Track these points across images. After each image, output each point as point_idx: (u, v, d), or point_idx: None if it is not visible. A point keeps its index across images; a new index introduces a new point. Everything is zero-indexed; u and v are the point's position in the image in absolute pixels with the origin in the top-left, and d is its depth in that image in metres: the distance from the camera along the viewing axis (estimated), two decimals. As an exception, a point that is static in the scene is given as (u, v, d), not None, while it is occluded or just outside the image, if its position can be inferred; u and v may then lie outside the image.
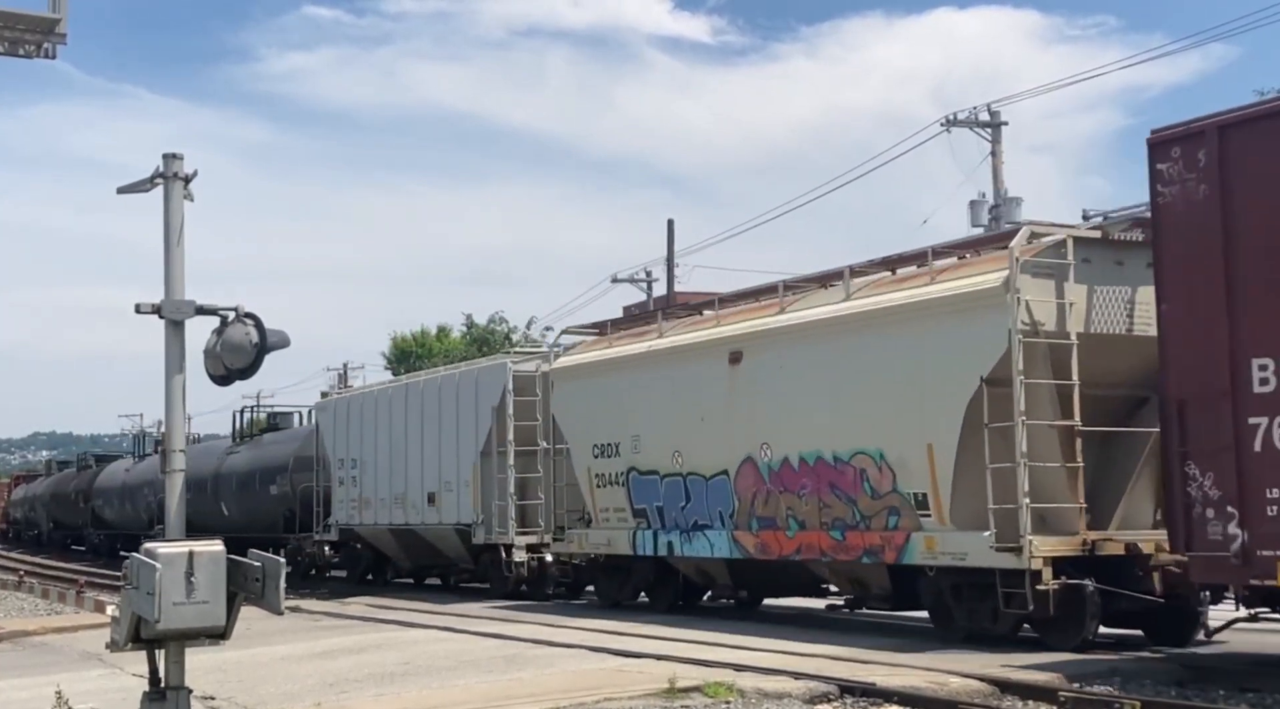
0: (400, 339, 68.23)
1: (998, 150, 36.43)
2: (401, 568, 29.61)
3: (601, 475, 21.21)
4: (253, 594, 8.47)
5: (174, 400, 8.91)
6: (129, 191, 9.12)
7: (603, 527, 21.22)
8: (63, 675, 14.10)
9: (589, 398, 21.62)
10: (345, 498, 29.20)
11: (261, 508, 34.08)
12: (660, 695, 11.67)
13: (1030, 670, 12.78)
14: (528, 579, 23.67)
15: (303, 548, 31.48)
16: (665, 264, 46.52)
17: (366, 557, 30.08)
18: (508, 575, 23.68)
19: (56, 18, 9.91)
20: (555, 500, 22.78)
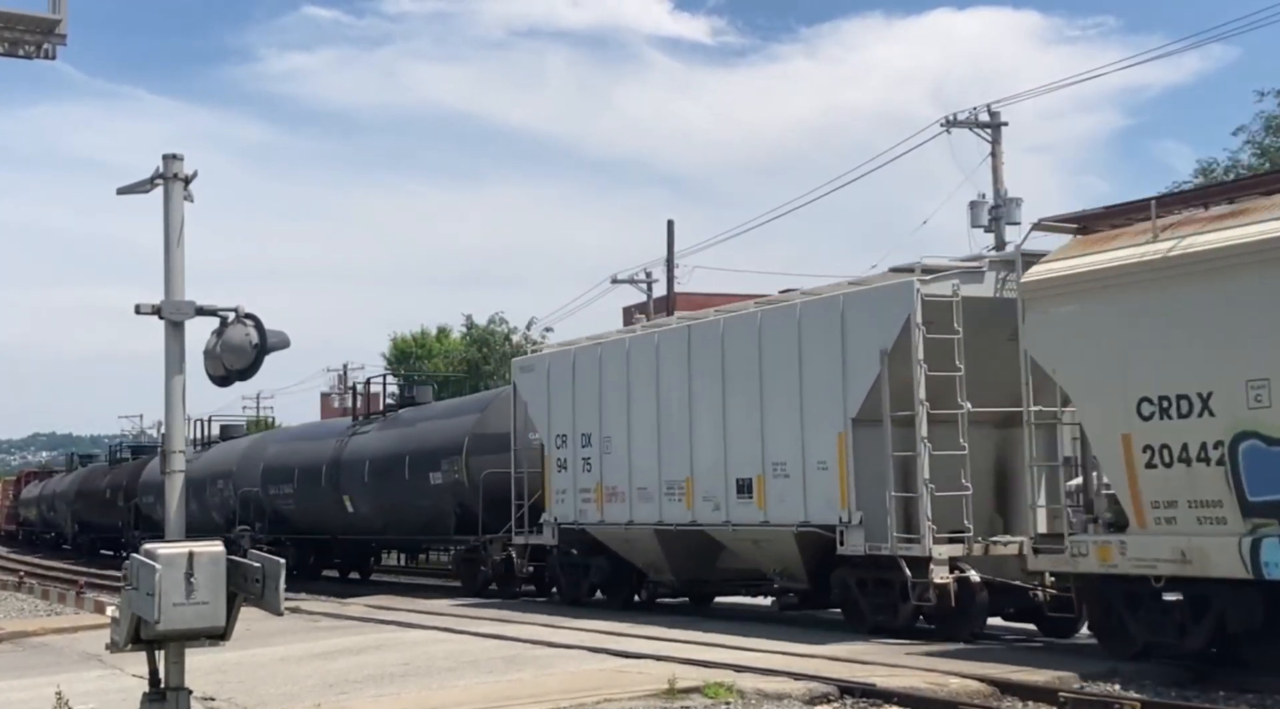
0: (400, 339, 68.23)
1: (997, 151, 36.43)
2: (664, 583, 21.39)
3: (1159, 448, 12.97)
4: (252, 595, 8.47)
5: (174, 401, 8.91)
6: (129, 192, 9.12)
7: (1164, 530, 12.96)
8: (63, 676, 14.10)
9: (1129, 324, 13.36)
10: (569, 488, 21.95)
11: (412, 503, 27.83)
12: (660, 696, 11.67)
13: (1030, 671, 12.78)
14: (942, 610, 15.81)
15: (488, 555, 24.94)
16: (665, 264, 46.49)
17: (601, 568, 21.94)
18: (908, 603, 15.98)
19: (56, 18, 9.92)
20: (1011, 488, 16.50)
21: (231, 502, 36.03)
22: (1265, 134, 42.97)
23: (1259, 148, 42.81)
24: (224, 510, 36.64)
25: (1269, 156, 41.71)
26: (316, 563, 34.69)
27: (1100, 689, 12.08)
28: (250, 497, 34.81)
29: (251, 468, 35.49)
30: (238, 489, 35.55)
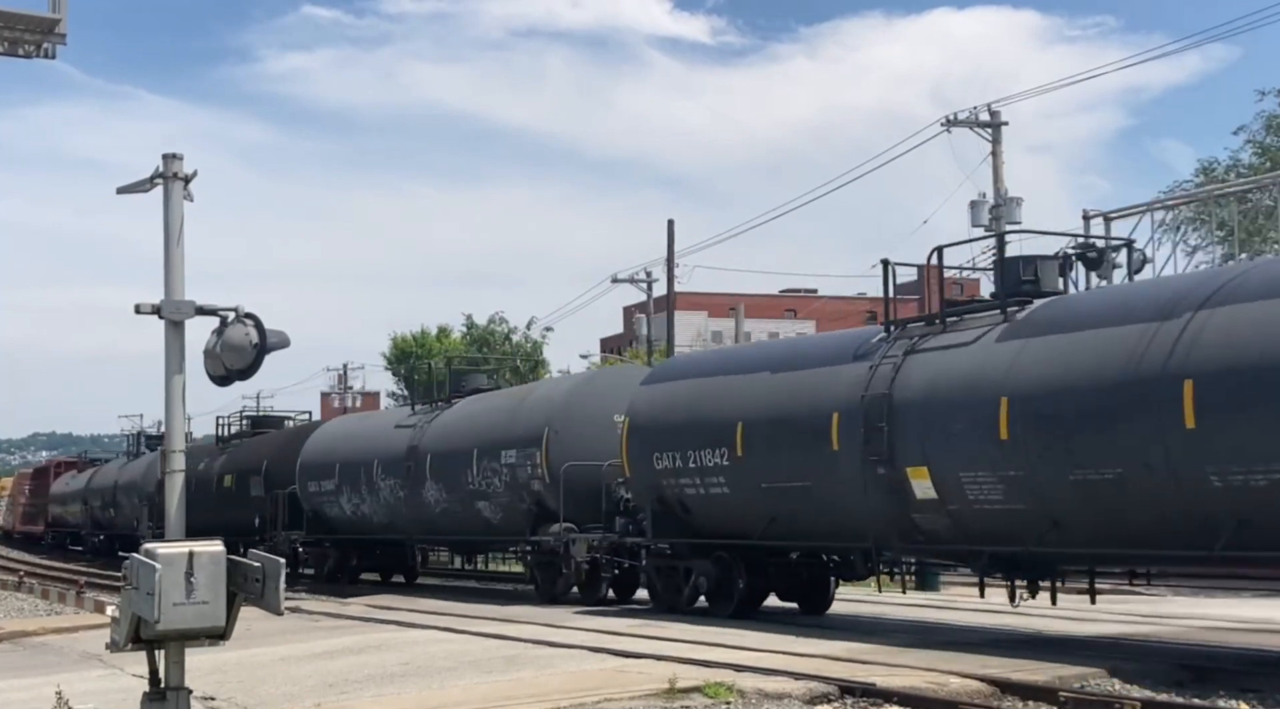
0: (400, 339, 68.24)
1: (998, 150, 36.42)
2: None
3: None
4: (252, 595, 8.47)
5: (174, 400, 8.92)
6: (129, 192, 9.13)
7: None
8: (63, 676, 14.10)
9: None
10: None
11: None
12: (660, 696, 11.67)
13: (1030, 670, 12.79)
14: None
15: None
16: (665, 264, 46.49)
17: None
18: None
19: (56, 18, 9.93)
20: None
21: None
22: (1265, 134, 43.02)
23: (1259, 147, 42.84)
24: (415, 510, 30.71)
25: (1269, 156, 41.74)
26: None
27: (1100, 689, 12.09)
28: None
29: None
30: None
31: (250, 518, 33.88)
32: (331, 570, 31.41)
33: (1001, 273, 16.81)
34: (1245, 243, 31.44)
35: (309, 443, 32.39)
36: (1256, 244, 32.85)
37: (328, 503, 30.56)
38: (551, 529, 22.71)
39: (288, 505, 32.12)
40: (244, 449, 37.62)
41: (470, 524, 25.87)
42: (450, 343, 64.49)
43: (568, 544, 22.40)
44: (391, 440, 28.28)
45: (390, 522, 28.55)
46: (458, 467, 25.44)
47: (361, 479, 28.80)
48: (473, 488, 24.94)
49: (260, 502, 33.64)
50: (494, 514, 24.79)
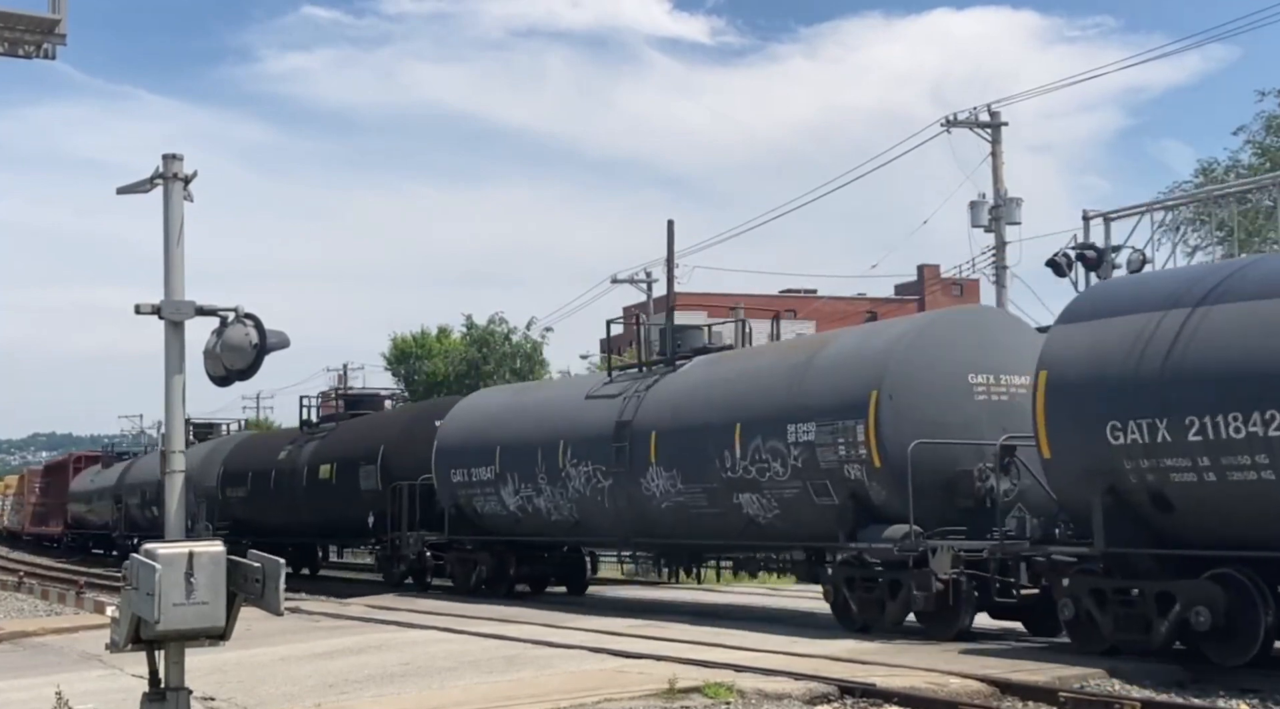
0: (400, 339, 68.23)
1: (998, 151, 36.40)
2: None
3: None
4: (252, 595, 8.47)
5: (174, 401, 8.92)
6: (129, 192, 9.13)
7: None
8: (63, 676, 14.10)
9: None
10: None
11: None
12: (660, 696, 11.67)
13: (1030, 671, 12.79)
14: None
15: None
16: (665, 264, 46.50)
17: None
18: None
19: (56, 18, 9.92)
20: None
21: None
22: (1265, 134, 43.03)
23: (1259, 148, 42.85)
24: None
25: (1269, 156, 41.75)
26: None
27: (1100, 689, 12.09)
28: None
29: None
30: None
31: (359, 516, 28.69)
32: (485, 580, 25.30)
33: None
34: (1245, 243, 31.43)
35: (449, 422, 26.30)
36: (1256, 244, 32.85)
37: (481, 496, 24.56)
38: (887, 533, 16.36)
39: (418, 500, 26.60)
40: (346, 434, 31.36)
41: (721, 524, 19.17)
42: (450, 343, 64.51)
43: (926, 553, 15.96)
44: (585, 415, 22.22)
45: (581, 520, 22.30)
46: (705, 448, 19.06)
47: (538, 466, 22.77)
48: (732, 476, 18.52)
49: (374, 496, 28.11)
50: (765, 511, 18.28)
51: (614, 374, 22.89)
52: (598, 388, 22.73)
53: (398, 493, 27.17)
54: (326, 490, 30.60)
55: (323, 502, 30.85)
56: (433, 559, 26.91)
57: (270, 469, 34.07)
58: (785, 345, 21.45)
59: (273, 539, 32.95)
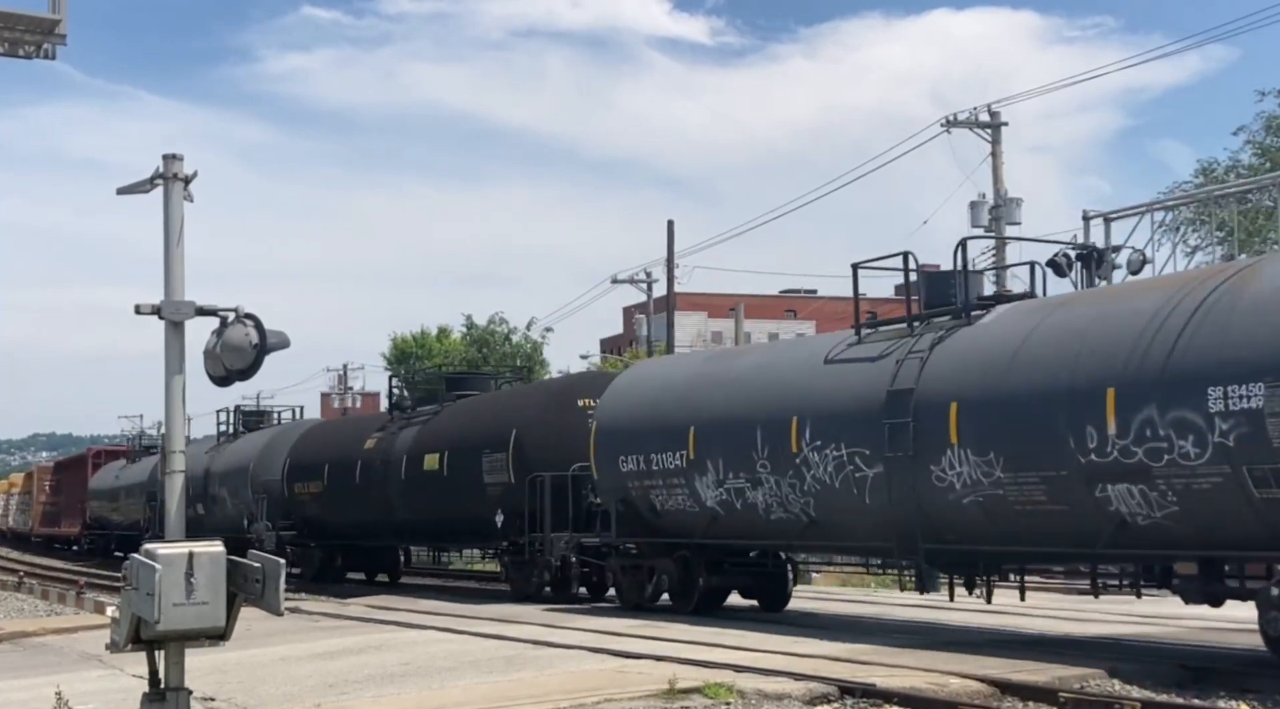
0: (400, 340, 68.26)
1: (998, 151, 36.46)
2: None
3: None
4: (252, 595, 8.47)
5: (174, 401, 8.91)
6: (129, 192, 9.13)
7: None
8: (63, 676, 14.10)
9: None
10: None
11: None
12: (660, 696, 11.67)
13: (1030, 671, 12.79)
14: None
15: None
16: (665, 264, 46.53)
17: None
18: None
19: (56, 18, 9.93)
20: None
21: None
22: (1265, 134, 43.06)
23: (1259, 148, 42.88)
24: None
25: (1269, 157, 41.76)
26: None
27: (1100, 689, 12.09)
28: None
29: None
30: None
31: (481, 514, 24.47)
32: (674, 590, 20.31)
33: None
34: (1245, 243, 31.45)
35: (613, 398, 21.62)
36: (1256, 244, 32.86)
37: (663, 489, 19.92)
38: None
39: (568, 495, 22.71)
40: (458, 417, 26.95)
41: (1063, 526, 14.60)
42: (450, 343, 64.54)
43: None
44: (828, 384, 17.51)
45: (819, 519, 17.47)
46: (1047, 423, 14.42)
47: (757, 450, 18.04)
48: (1096, 461, 13.87)
49: (503, 491, 23.92)
50: (1150, 508, 13.61)
51: (863, 332, 17.94)
52: (841, 350, 17.86)
53: (537, 486, 22.82)
54: (434, 484, 26.17)
55: (428, 498, 26.57)
56: (579, 566, 22.90)
57: (354, 461, 29.38)
58: (1174, 280, 15.45)
59: (349, 541, 31.33)
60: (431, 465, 26.34)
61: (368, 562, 33.31)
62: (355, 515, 29.99)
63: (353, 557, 32.77)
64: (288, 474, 32.60)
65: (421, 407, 29.47)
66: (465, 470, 25.12)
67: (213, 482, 36.94)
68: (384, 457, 28.36)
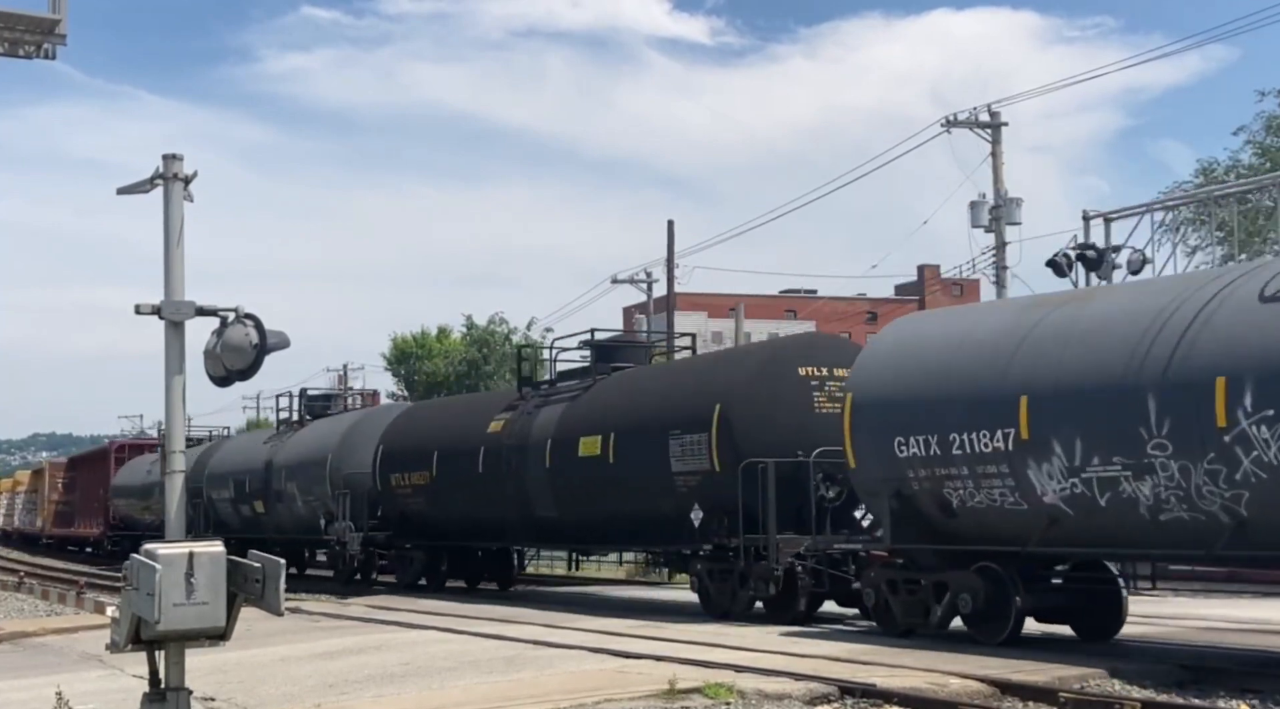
0: (400, 340, 68.30)
1: (998, 151, 36.41)
2: None
3: None
4: (252, 595, 8.46)
5: (174, 401, 8.91)
6: (129, 192, 9.13)
7: None
8: (63, 676, 14.10)
9: None
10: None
11: None
12: (660, 697, 11.67)
13: (1030, 671, 12.78)
14: None
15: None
16: (665, 264, 46.52)
17: None
18: None
19: (56, 18, 9.93)
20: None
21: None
22: (1265, 134, 43.05)
23: (1259, 148, 42.87)
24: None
25: (1269, 157, 41.76)
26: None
27: (1100, 690, 12.09)
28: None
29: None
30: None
31: (667, 511, 20.01)
32: (977, 612, 15.46)
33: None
34: (1245, 243, 31.46)
35: (875, 361, 17.19)
36: (1256, 245, 32.87)
37: (968, 482, 15.26)
38: None
39: (799, 487, 18.41)
40: (625, 390, 22.16)
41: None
42: (450, 343, 64.61)
43: None
44: (1275, 328, 12.59)
45: (1256, 519, 12.60)
46: None
47: (1149, 426, 13.31)
48: None
49: (702, 481, 19.42)
50: None
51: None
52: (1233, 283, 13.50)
53: (755, 476, 18.42)
54: (594, 474, 21.48)
55: (586, 490, 21.75)
56: (808, 578, 18.26)
57: (475, 447, 24.55)
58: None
59: (459, 542, 26.91)
60: (590, 451, 21.57)
61: (478, 567, 28.41)
62: (474, 512, 25.19)
63: (461, 560, 27.96)
64: (381, 465, 27.94)
65: (563, 382, 24.61)
66: (644, 456, 20.37)
67: (277, 476, 32.26)
68: (519, 441, 23.47)
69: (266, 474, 33.23)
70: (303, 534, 32.41)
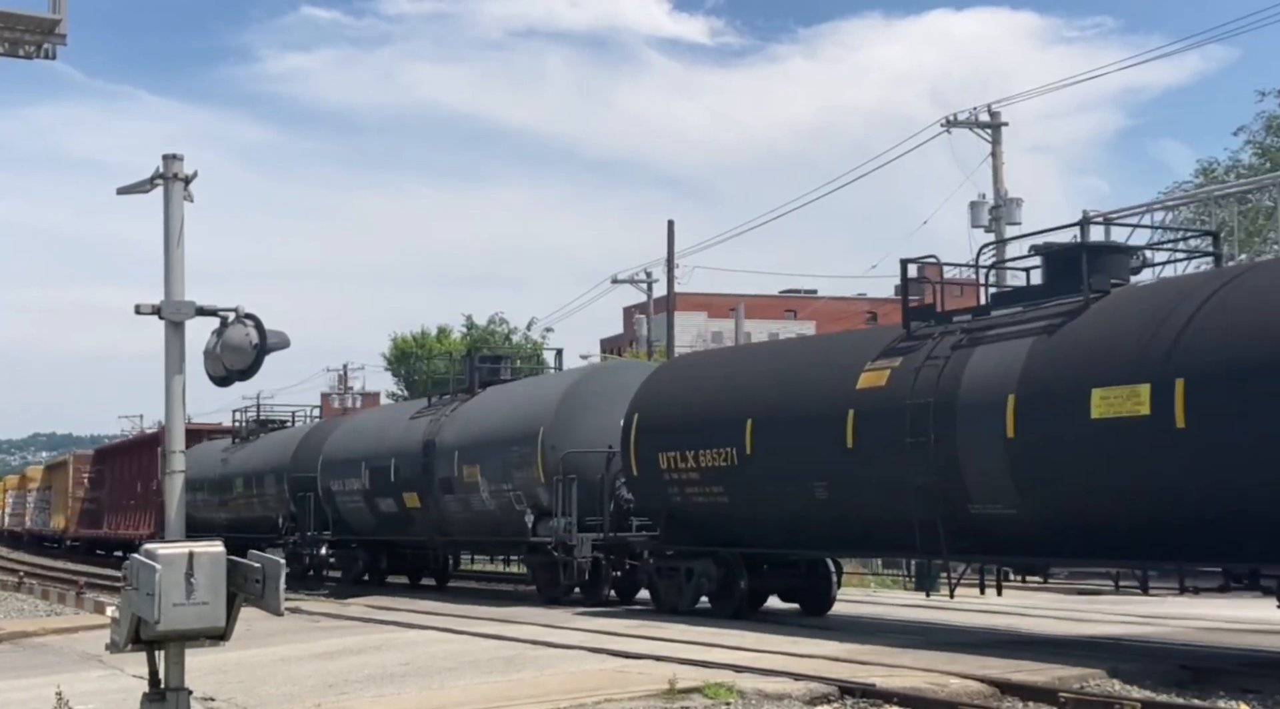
0: (400, 340, 68.29)
1: (998, 151, 36.45)
2: None
3: None
4: (252, 595, 8.46)
5: (174, 401, 8.91)
6: (129, 192, 9.13)
7: None
8: (63, 676, 14.10)
9: None
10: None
11: None
12: (660, 697, 11.67)
13: (1030, 671, 12.79)
14: None
15: None
16: (665, 265, 46.53)
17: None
18: None
19: (56, 18, 9.93)
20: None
21: None
22: (1265, 134, 43.07)
23: (1259, 148, 42.88)
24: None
25: (1269, 157, 41.76)
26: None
27: (1100, 690, 12.09)
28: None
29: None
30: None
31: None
32: None
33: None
34: (1245, 243, 31.44)
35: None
36: (1256, 245, 32.87)
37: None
38: None
39: None
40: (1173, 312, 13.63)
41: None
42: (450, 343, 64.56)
43: None
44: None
45: None
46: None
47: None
48: None
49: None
50: None
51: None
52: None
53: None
54: (1131, 445, 13.35)
55: (1108, 470, 13.56)
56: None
57: (833, 412, 16.67)
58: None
59: (780, 550, 18.67)
60: (1123, 409, 13.21)
61: (793, 583, 20.18)
62: (832, 509, 16.95)
63: (764, 575, 19.69)
64: (638, 440, 20.26)
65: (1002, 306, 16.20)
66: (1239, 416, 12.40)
67: (444, 460, 25.52)
68: (929, 398, 15.41)
69: (426, 458, 26.09)
70: (486, 535, 25.54)
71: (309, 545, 31.05)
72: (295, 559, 30.15)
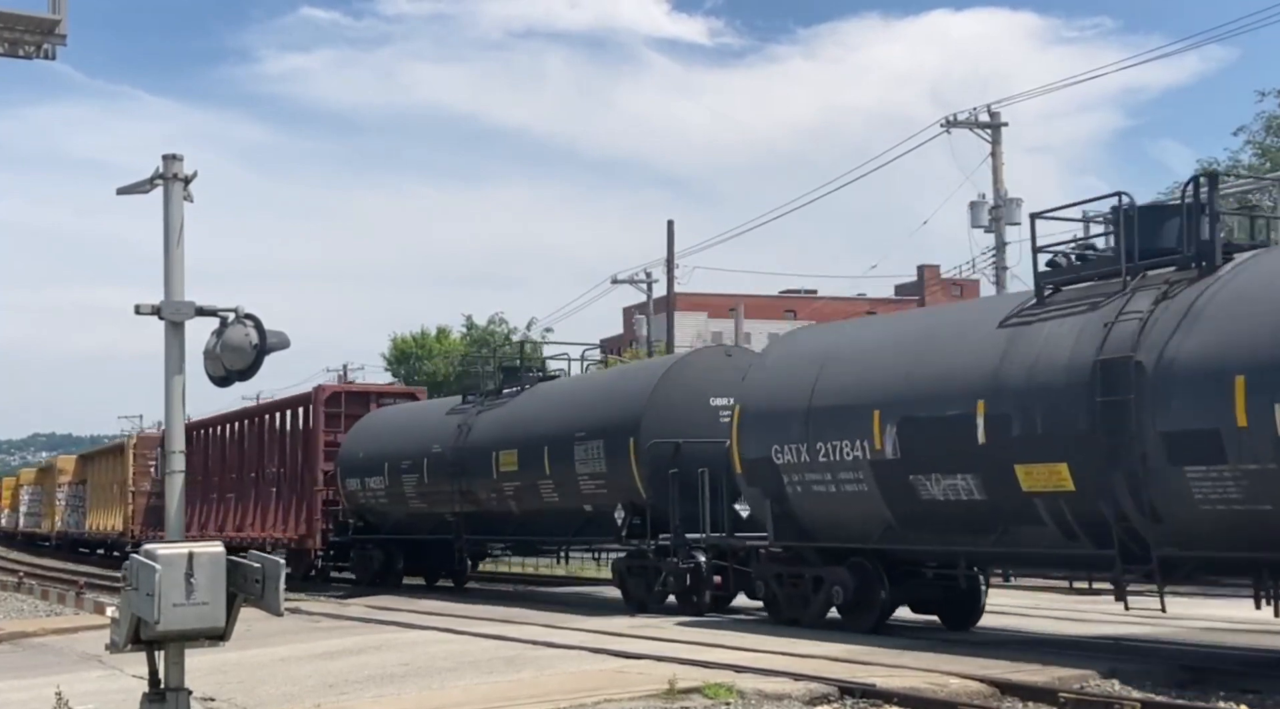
0: (400, 340, 68.31)
1: (997, 151, 36.44)
2: None
3: None
4: (252, 595, 8.46)
5: (174, 401, 8.91)
6: (129, 192, 9.13)
7: None
8: (63, 676, 14.10)
9: None
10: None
11: None
12: (660, 697, 11.67)
13: (1030, 671, 12.79)
14: None
15: None
16: (665, 265, 46.54)
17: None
18: None
19: (56, 19, 9.91)
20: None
21: None
22: (1265, 134, 43.08)
23: (1259, 148, 42.90)
24: None
25: (1269, 156, 41.77)
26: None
27: (1100, 690, 12.09)
28: None
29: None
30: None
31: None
32: None
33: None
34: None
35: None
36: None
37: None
38: None
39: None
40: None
41: None
42: (450, 343, 64.63)
43: None
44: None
45: None
46: None
47: None
48: None
49: None
50: None
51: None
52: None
53: None
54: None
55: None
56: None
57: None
58: None
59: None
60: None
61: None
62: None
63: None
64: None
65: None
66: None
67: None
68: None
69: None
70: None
71: (678, 552, 20.20)
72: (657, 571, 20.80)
